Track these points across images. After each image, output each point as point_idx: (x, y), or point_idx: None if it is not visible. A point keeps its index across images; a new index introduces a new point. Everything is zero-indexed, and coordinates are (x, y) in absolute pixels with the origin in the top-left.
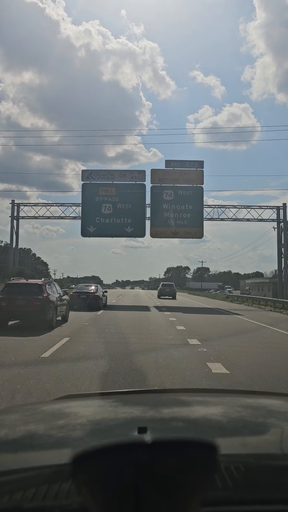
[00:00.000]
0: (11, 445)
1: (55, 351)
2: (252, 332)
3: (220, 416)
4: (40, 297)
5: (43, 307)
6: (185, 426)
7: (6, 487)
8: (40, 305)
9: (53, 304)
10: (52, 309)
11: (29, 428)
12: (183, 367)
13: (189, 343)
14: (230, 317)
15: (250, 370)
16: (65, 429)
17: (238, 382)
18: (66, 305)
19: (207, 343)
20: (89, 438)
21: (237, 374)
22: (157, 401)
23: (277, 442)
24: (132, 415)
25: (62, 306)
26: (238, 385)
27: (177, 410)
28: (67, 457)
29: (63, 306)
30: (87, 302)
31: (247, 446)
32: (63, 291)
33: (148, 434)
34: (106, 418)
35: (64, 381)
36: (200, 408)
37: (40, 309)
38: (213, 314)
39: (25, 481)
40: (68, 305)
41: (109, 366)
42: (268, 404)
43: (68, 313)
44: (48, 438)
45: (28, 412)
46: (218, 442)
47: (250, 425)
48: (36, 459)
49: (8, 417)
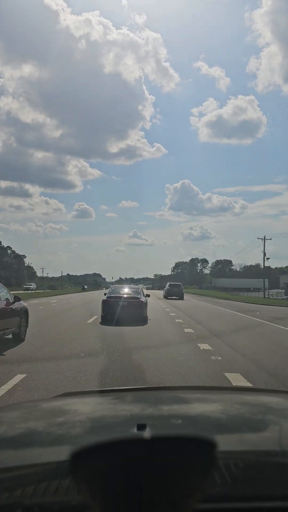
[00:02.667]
0: (10, 442)
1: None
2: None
3: (219, 413)
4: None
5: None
6: (184, 423)
7: (6, 484)
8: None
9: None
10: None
11: (28, 425)
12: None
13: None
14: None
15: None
16: (64, 426)
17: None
18: (18, 316)
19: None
20: (88, 435)
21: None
22: (156, 398)
23: (276, 439)
24: (131, 412)
25: (9, 318)
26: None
27: (176, 407)
28: (66, 454)
29: (12, 318)
30: (128, 311)
31: (246, 443)
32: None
33: (147, 431)
34: (105, 415)
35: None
36: (199, 405)
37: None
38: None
39: (25, 478)
40: (23, 316)
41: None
42: (267, 401)
43: (26, 328)
44: (47, 435)
45: (27, 409)
46: (217, 438)
47: (249, 422)
48: (35, 456)
49: (7, 415)
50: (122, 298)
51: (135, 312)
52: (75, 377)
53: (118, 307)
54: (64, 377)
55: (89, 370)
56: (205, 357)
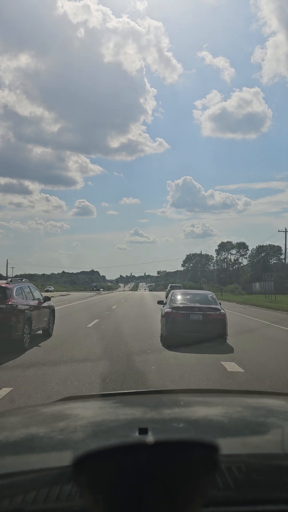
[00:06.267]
0: (12, 447)
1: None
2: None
3: (221, 416)
4: (2, 306)
5: (6, 320)
6: (186, 426)
7: (7, 490)
8: (0, 318)
9: (24, 316)
10: (23, 322)
11: (30, 430)
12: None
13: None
14: None
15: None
16: (66, 431)
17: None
18: (48, 314)
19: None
20: (90, 439)
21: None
22: (157, 402)
23: (279, 442)
24: (133, 416)
25: (41, 316)
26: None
27: (177, 410)
28: (68, 459)
29: (43, 315)
30: (204, 328)
31: (248, 446)
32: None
33: (149, 435)
34: (107, 419)
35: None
36: (201, 408)
37: (1, 323)
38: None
39: (26, 484)
40: (51, 314)
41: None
42: (268, 404)
43: (53, 325)
44: (49, 440)
45: (29, 414)
46: (219, 442)
47: (251, 425)
48: (37, 462)
49: (8, 420)
50: (195, 309)
51: (214, 330)
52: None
53: (189, 323)
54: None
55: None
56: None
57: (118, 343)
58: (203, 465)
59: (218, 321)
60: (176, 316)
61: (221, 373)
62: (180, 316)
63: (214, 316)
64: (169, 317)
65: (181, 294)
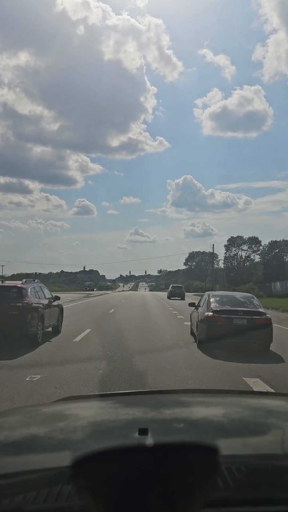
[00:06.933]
0: (12, 447)
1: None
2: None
3: (221, 416)
4: (18, 305)
5: (22, 317)
6: (185, 427)
7: (8, 490)
8: (17, 315)
9: (38, 313)
10: (37, 319)
11: (30, 430)
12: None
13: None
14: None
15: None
16: (66, 431)
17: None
18: (57, 312)
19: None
20: (90, 440)
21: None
22: (157, 402)
23: (278, 442)
24: (133, 416)
25: (51, 314)
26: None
27: (177, 411)
28: (68, 459)
29: (54, 313)
30: (247, 335)
31: (249, 447)
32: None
33: (149, 436)
34: (107, 419)
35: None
36: (201, 408)
37: (18, 320)
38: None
39: (26, 484)
40: (60, 313)
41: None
42: (268, 404)
43: (61, 322)
44: (49, 440)
45: (29, 414)
46: (219, 443)
47: (251, 426)
48: (37, 462)
49: (8, 419)
50: (239, 312)
51: (259, 336)
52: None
53: (231, 328)
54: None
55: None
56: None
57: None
58: (203, 468)
59: (264, 326)
60: (218, 320)
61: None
62: (222, 320)
63: (260, 321)
64: (210, 321)
65: (219, 296)
